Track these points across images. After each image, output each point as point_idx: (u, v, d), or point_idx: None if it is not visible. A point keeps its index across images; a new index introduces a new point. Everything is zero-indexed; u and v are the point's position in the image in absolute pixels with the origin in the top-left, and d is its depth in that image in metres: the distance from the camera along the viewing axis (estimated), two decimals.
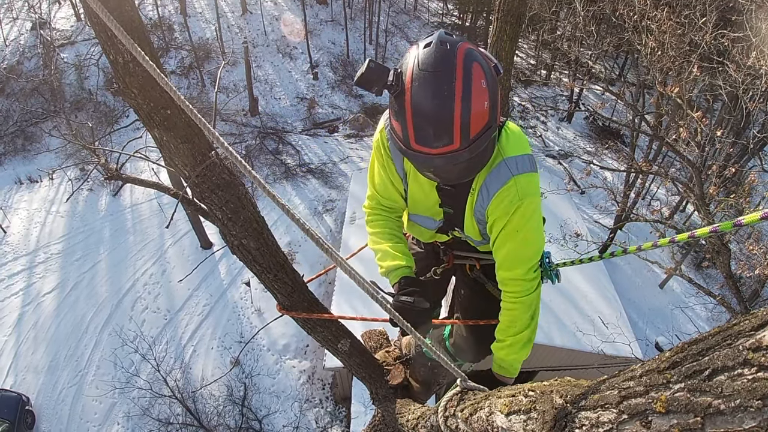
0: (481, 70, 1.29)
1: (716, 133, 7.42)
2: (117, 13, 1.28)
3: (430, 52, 1.29)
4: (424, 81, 1.26)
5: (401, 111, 1.32)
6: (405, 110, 1.31)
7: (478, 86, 1.28)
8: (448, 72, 1.26)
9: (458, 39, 1.34)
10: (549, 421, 0.88)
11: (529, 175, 1.55)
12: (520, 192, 1.54)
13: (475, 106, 1.28)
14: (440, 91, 1.25)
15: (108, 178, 4.66)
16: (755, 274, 8.15)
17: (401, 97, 1.31)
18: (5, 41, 22.24)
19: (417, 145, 1.33)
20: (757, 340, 0.56)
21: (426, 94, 1.26)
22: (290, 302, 2.05)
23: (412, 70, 1.29)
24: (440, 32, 1.35)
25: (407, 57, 1.35)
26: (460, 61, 1.27)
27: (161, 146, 1.60)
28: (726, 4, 10.55)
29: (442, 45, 1.29)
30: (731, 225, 1.07)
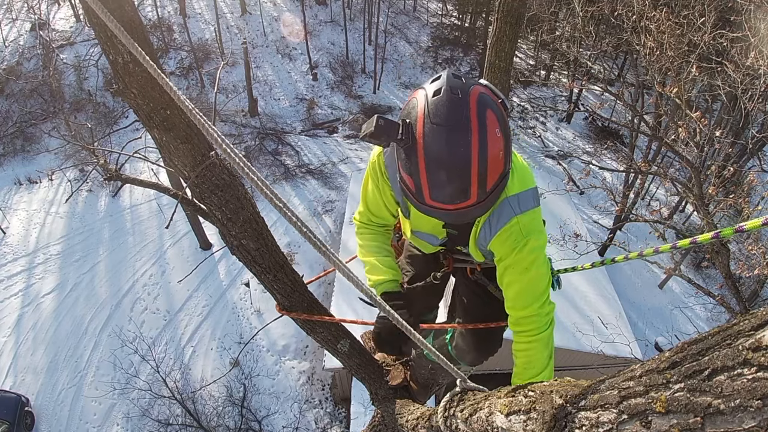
0: (495, 117, 1.22)
1: (715, 133, 7.42)
2: (117, 13, 1.28)
3: (441, 102, 1.21)
4: (438, 136, 1.19)
5: (413, 165, 1.24)
6: (418, 166, 1.23)
7: (494, 136, 1.21)
8: (463, 125, 1.18)
9: (468, 82, 1.27)
10: (549, 421, 0.88)
11: (531, 213, 1.52)
12: (524, 230, 1.51)
13: (491, 158, 1.21)
14: (456, 147, 1.18)
15: (107, 178, 4.65)
16: (754, 274, 8.16)
17: (412, 152, 1.23)
18: (5, 42, 22.23)
19: (432, 201, 1.27)
20: (756, 339, 0.56)
21: (440, 150, 1.19)
22: (290, 303, 2.05)
23: (423, 122, 1.21)
24: (448, 75, 1.27)
25: (416, 105, 1.26)
26: (474, 112, 1.19)
27: (161, 147, 1.60)
28: (725, 5, 10.57)
29: (453, 93, 1.21)
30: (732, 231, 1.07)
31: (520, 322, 1.67)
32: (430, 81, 1.30)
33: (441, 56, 26.26)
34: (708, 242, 1.13)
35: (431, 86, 1.27)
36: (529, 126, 22.87)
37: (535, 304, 1.62)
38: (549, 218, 8.79)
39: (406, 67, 25.29)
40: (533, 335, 1.66)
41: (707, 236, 1.16)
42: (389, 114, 22.40)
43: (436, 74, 1.34)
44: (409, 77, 24.83)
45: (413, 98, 1.30)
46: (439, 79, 1.27)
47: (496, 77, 2.75)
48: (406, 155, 1.25)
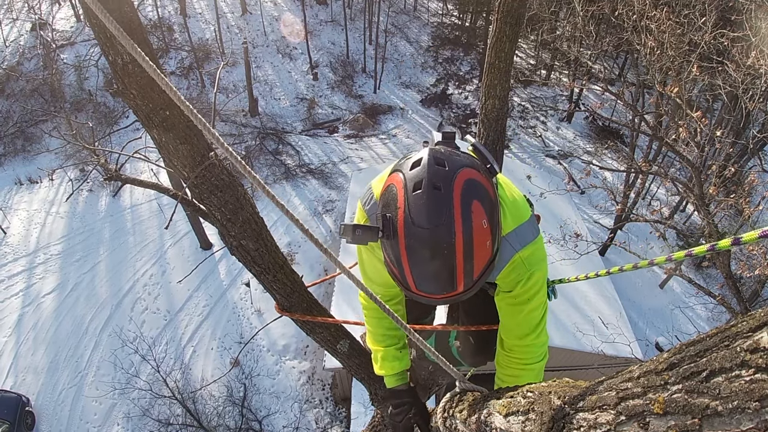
0: (481, 207, 1.14)
1: (716, 133, 7.42)
2: (116, 13, 1.28)
3: (422, 200, 1.12)
4: (420, 238, 1.12)
5: (397, 261, 1.19)
6: (401, 263, 1.18)
7: (480, 229, 1.14)
8: (446, 225, 1.11)
9: (452, 168, 1.15)
10: (547, 423, 0.89)
11: (532, 246, 1.48)
12: (527, 264, 1.48)
13: (477, 252, 1.15)
14: (439, 249, 1.12)
15: (107, 178, 4.65)
16: (755, 274, 8.14)
17: (395, 247, 1.17)
18: (5, 42, 22.25)
19: (418, 291, 1.23)
20: (755, 341, 0.56)
21: (423, 251, 1.13)
22: (289, 303, 2.05)
23: (404, 222, 1.13)
24: (429, 161, 1.16)
25: (395, 198, 1.17)
26: (458, 210, 1.11)
27: (160, 147, 1.60)
28: (725, 4, 10.56)
29: (435, 189, 1.12)
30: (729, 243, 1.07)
31: (514, 350, 1.63)
32: (410, 165, 1.19)
33: (441, 56, 26.26)
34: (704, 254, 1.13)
35: (410, 176, 1.16)
36: (529, 125, 22.87)
37: (531, 335, 1.58)
38: (549, 218, 8.88)
39: (406, 66, 25.29)
40: (526, 364, 1.62)
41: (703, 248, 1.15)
42: (389, 114, 22.42)
43: (416, 152, 1.24)
44: (409, 77, 24.83)
45: (391, 186, 1.20)
46: (419, 166, 1.16)
47: (496, 77, 2.75)
48: (390, 248, 1.19)
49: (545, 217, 13.74)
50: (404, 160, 1.25)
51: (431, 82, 24.72)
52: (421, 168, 1.16)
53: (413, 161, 1.19)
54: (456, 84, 24.79)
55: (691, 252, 1.21)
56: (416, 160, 1.19)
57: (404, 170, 1.19)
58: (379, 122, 22.07)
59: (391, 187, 1.21)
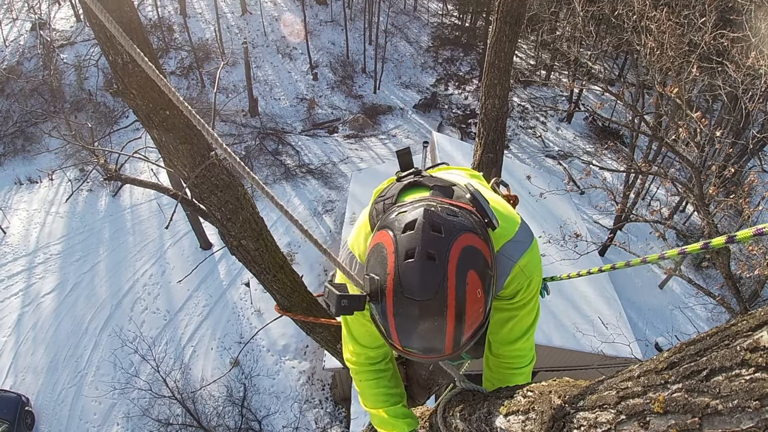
0: (477, 278, 1.07)
1: (716, 133, 7.42)
2: (116, 14, 1.28)
3: (414, 271, 1.04)
4: (410, 310, 1.05)
5: (384, 322, 1.11)
6: (388, 326, 1.11)
7: (473, 299, 1.07)
8: (439, 300, 1.04)
9: (449, 235, 1.07)
10: (547, 422, 0.89)
11: (529, 252, 1.42)
12: (527, 271, 1.43)
13: (468, 323, 1.09)
14: (429, 321, 1.06)
15: (107, 178, 4.66)
16: (755, 274, 8.15)
17: (383, 311, 1.10)
18: (5, 42, 22.25)
19: (404, 350, 1.16)
20: (754, 340, 0.56)
21: (413, 324, 1.07)
22: (289, 303, 2.05)
23: (393, 289, 1.06)
24: (424, 227, 1.07)
25: (384, 261, 1.09)
26: (452, 282, 1.04)
27: (160, 147, 1.60)
28: (725, 4, 10.56)
29: (429, 260, 1.04)
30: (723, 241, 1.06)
31: (503, 356, 1.58)
32: (402, 227, 1.09)
33: (441, 56, 26.27)
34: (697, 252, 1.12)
35: (402, 240, 1.07)
36: (529, 126, 22.87)
37: (521, 340, 1.54)
38: (549, 218, 8.89)
39: (406, 66, 25.30)
40: (515, 368, 1.58)
41: (696, 246, 1.14)
42: (389, 114, 22.43)
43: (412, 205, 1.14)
44: (409, 77, 24.84)
45: (380, 246, 1.11)
46: (413, 230, 1.07)
47: (496, 77, 2.75)
48: (376, 310, 1.12)
49: (545, 217, 13.79)
50: (395, 214, 1.14)
51: (431, 83, 24.73)
52: (414, 233, 1.06)
53: (406, 222, 1.09)
54: (456, 84, 24.79)
55: (685, 250, 1.20)
56: (409, 221, 1.09)
57: (395, 231, 1.09)
58: (379, 122, 22.07)
59: (380, 248, 1.11)
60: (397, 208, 1.17)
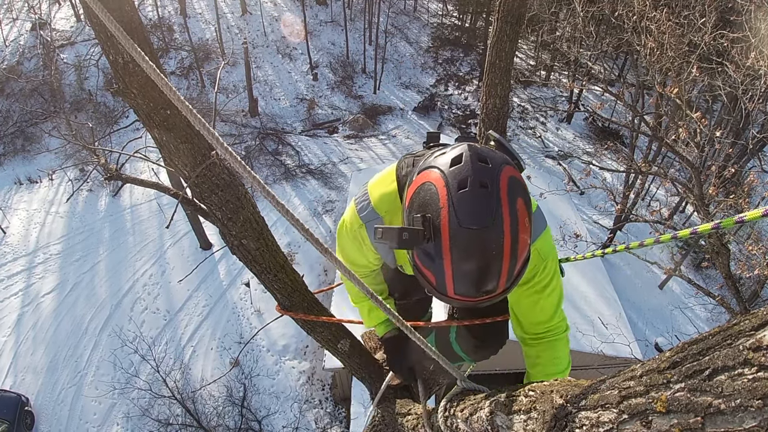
0: (524, 205, 1.09)
1: (715, 133, 7.42)
2: (117, 13, 1.28)
3: (469, 200, 1.05)
4: (468, 240, 1.04)
5: (437, 265, 1.11)
6: (443, 266, 1.10)
7: (524, 227, 1.09)
8: (496, 227, 1.04)
9: (495, 164, 1.09)
10: (549, 421, 0.88)
11: (544, 236, 1.48)
12: (542, 254, 1.49)
13: (521, 250, 1.10)
14: (488, 251, 1.05)
15: (108, 178, 4.66)
16: (755, 274, 8.16)
17: (437, 252, 1.09)
18: (5, 42, 22.24)
19: (455, 295, 1.16)
20: (757, 339, 0.56)
21: (471, 254, 1.06)
22: (290, 303, 2.05)
23: (449, 223, 1.05)
24: (472, 158, 1.09)
25: (435, 197, 1.09)
26: (507, 209, 1.05)
27: (161, 146, 1.60)
28: (725, 5, 10.56)
29: (482, 188, 1.05)
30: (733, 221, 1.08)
31: (545, 335, 1.70)
32: (449, 161, 1.11)
33: (441, 56, 26.27)
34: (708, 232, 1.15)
35: (452, 173, 1.08)
36: (529, 126, 22.87)
37: (555, 316, 1.66)
38: (549, 218, 8.82)
39: (406, 67, 25.30)
40: (556, 335, 1.69)
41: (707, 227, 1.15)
42: (389, 114, 22.42)
43: (450, 147, 1.17)
44: (409, 77, 24.83)
45: (428, 184, 1.12)
46: (460, 164, 1.09)
47: (497, 77, 2.75)
48: (428, 252, 1.11)
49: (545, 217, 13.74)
50: (434, 157, 1.16)
51: (431, 83, 24.73)
52: (463, 165, 1.08)
53: (452, 157, 1.11)
54: (456, 84, 24.79)
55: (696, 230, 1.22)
56: (455, 156, 1.11)
57: (442, 167, 1.11)
58: (379, 123, 22.07)
59: (427, 186, 1.12)
60: (434, 154, 1.20)
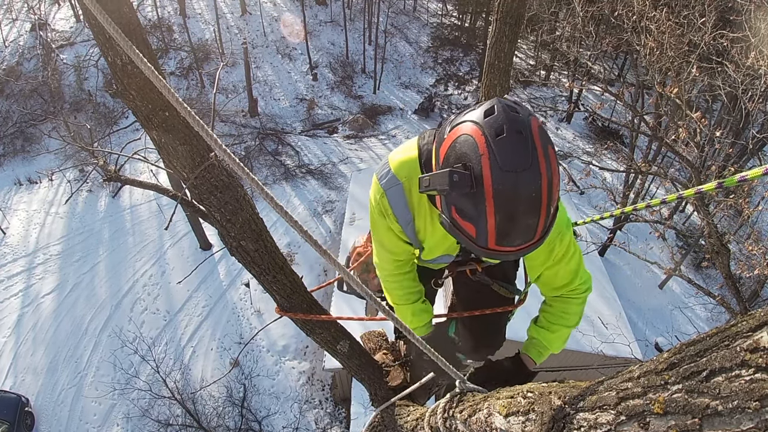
0: (553, 151, 1.14)
1: (715, 133, 7.42)
2: (115, 15, 1.28)
3: (507, 144, 1.09)
4: (510, 183, 1.08)
5: (479, 213, 1.13)
6: (485, 213, 1.12)
7: (556, 173, 1.13)
8: (534, 168, 1.09)
9: (523, 114, 1.14)
10: (547, 423, 0.88)
11: (560, 207, 1.48)
12: (559, 226, 1.52)
13: (555, 196, 1.15)
14: (529, 192, 1.09)
15: (107, 179, 4.66)
16: (755, 274, 8.16)
17: (478, 199, 1.12)
18: (5, 42, 22.24)
19: (495, 246, 1.18)
20: (754, 341, 0.56)
21: (514, 197, 1.09)
22: (289, 304, 2.05)
23: (491, 168, 1.09)
24: (505, 109, 1.14)
25: (473, 146, 1.12)
26: (541, 152, 1.10)
27: (160, 148, 1.60)
28: (725, 5, 10.57)
29: (519, 134, 1.10)
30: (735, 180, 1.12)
31: (558, 296, 1.76)
32: (482, 114, 1.15)
33: (441, 56, 26.27)
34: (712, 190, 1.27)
35: (487, 123, 1.12)
36: None
37: (579, 276, 1.70)
38: None
39: (406, 67, 25.30)
40: (574, 295, 1.73)
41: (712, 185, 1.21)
42: (389, 114, 22.42)
43: (479, 104, 1.21)
44: (409, 77, 24.83)
45: (464, 136, 1.15)
46: (494, 114, 1.13)
47: (496, 77, 2.75)
48: (469, 202, 1.14)
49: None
50: (464, 114, 1.20)
51: (431, 83, 24.73)
52: (497, 114, 1.13)
53: (485, 110, 1.15)
54: (455, 84, 24.80)
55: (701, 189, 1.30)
56: (487, 108, 1.15)
57: (476, 119, 1.15)
58: (379, 123, 22.07)
59: (464, 138, 1.15)
60: (461, 112, 1.23)
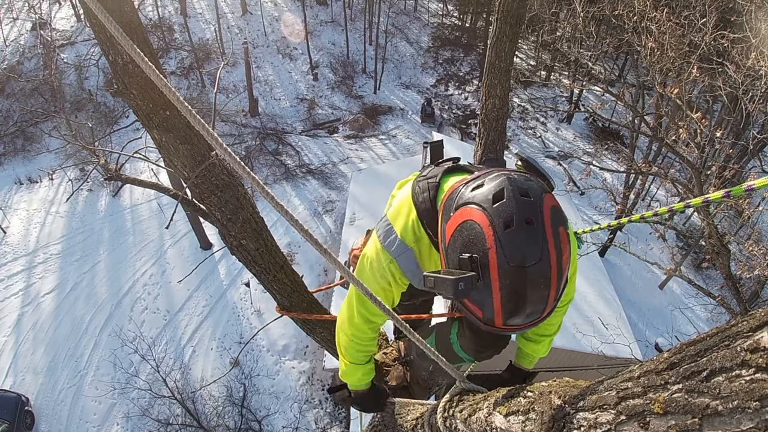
0: (566, 233, 1.11)
1: (716, 134, 7.43)
2: (116, 14, 1.29)
3: (516, 238, 1.05)
4: (517, 278, 1.06)
5: (486, 302, 1.12)
6: (492, 302, 1.11)
7: (567, 255, 1.11)
8: (545, 261, 1.06)
9: (537, 198, 1.10)
10: (547, 422, 0.89)
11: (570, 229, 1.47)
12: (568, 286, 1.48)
13: (564, 279, 1.12)
14: (536, 285, 1.07)
15: (107, 178, 4.66)
16: (755, 274, 8.16)
17: (484, 289, 1.10)
18: (5, 41, 22.25)
19: (502, 325, 1.16)
20: (755, 341, 0.56)
21: (520, 291, 1.08)
22: (289, 303, 2.05)
23: (498, 262, 1.06)
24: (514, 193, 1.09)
25: (481, 237, 1.08)
26: (551, 242, 1.07)
27: (161, 147, 1.60)
28: (726, 5, 10.56)
29: (529, 225, 1.06)
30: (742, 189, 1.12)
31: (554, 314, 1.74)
32: (491, 198, 1.10)
33: (441, 56, 26.27)
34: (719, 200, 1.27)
35: (496, 211, 1.08)
36: (529, 126, 22.87)
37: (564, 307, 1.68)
38: None
39: (406, 67, 25.30)
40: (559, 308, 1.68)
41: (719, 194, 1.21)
42: (389, 114, 22.42)
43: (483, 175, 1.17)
44: (409, 77, 24.84)
45: (471, 223, 1.11)
46: (503, 199, 1.09)
47: (496, 78, 2.75)
48: (475, 291, 1.12)
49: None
50: (469, 191, 1.15)
51: (431, 83, 24.73)
52: (506, 201, 1.08)
53: (493, 193, 1.10)
54: (456, 84, 24.80)
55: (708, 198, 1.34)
56: (496, 192, 1.10)
57: (483, 204, 1.10)
58: (379, 123, 22.07)
59: (469, 225, 1.11)
60: (467, 186, 1.19)
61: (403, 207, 1.48)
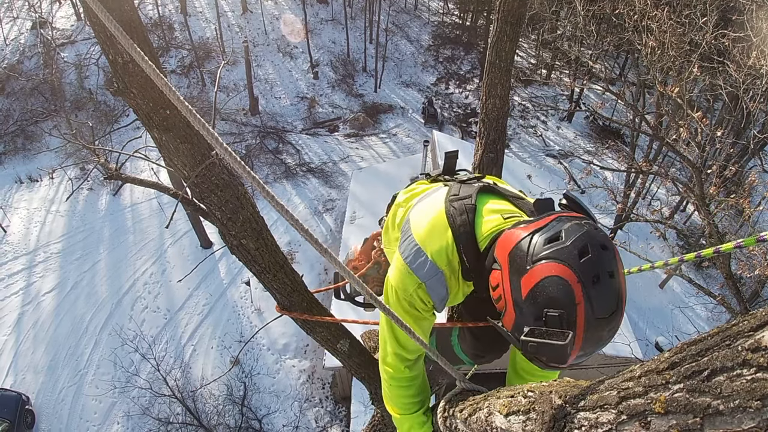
0: (623, 271, 1.18)
1: (716, 133, 7.41)
2: (116, 13, 1.28)
3: (603, 292, 1.10)
4: (599, 328, 1.11)
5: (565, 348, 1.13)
6: (571, 350, 1.13)
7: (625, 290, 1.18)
8: (620, 308, 1.13)
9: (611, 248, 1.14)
10: (548, 422, 0.88)
11: None
12: None
13: None
14: (613, 330, 1.14)
15: (108, 177, 4.66)
16: (755, 274, 8.14)
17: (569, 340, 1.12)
18: (5, 40, 22.25)
19: (570, 362, 1.18)
20: (756, 340, 0.56)
21: (599, 337, 1.13)
22: (289, 302, 2.05)
23: (585, 317, 1.09)
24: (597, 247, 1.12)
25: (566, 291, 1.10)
26: (623, 288, 1.14)
27: (161, 146, 1.60)
28: (727, 4, 10.55)
29: (612, 278, 1.11)
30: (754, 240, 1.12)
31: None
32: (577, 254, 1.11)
33: (442, 55, 26.25)
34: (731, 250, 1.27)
35: (583, 267, 1.10)
36: (530, 125, 22.85)
37: None
38: None
39: (407, 65, 25.28)
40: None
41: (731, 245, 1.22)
42: (390, 113, 22.41)
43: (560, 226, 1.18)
44: (410, 76, 24.82)
45: (556, 279, 1.11)
46: (589, 254, 1.11)
47: (497, 77, 2.75)
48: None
49: None
50: (545, 243, 1.16)
51: (432, 81, 24.71)
52: (592, 257, 1.10)
53: (579, 249, 1.12)
54: (456, 83, 24.78)
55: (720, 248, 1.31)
56: (581, 248, 1.12)
57: (569, 261, 1.11)
58: (380, 121, 22.07)
59: (556, 281, 1.11)
60: (536, 235, 1.18)
61: (437, 227, 1.43)
